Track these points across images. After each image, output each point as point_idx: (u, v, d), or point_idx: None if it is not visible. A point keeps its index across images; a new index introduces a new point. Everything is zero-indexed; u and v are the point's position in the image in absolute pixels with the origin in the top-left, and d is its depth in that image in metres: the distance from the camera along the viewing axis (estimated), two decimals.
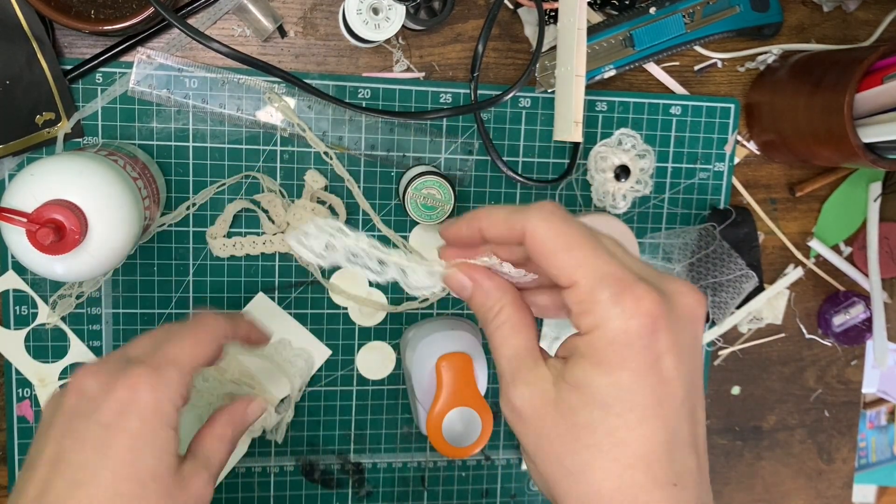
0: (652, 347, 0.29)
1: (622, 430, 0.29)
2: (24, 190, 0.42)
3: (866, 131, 0.53)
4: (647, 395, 0.29)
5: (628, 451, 0.29)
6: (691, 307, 0.32)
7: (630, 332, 0.29)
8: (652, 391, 0.29)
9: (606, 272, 0.30)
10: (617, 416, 0.29)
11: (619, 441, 0.29)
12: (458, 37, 0.58)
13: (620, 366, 0.29)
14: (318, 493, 0.62)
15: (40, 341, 0.56)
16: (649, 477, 0.29)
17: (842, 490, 0.73)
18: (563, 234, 0.30)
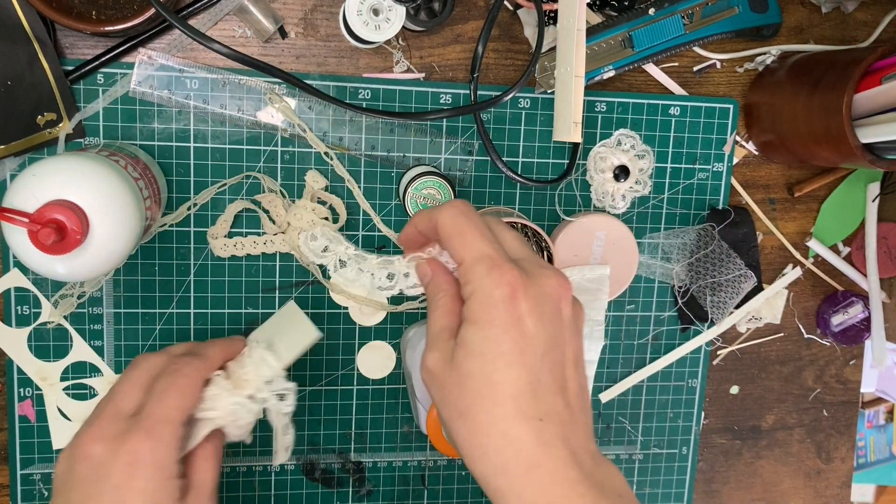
0: (513, 310, 0.37)
1: (493, 374, 0.37)
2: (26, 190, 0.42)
3: (865, 132, 0.53)
4: (512, 346, 0.37)
5: (499, 390, 0.37)
6: (552, 286, 0.39)
7: (495, 296, 0.37)
8: (515, 343, 0.37)
9: (484, 253, 0.38)
10: (490, 363, 0.37)
11: (491, 383, 0.37)
12: (458, 38, 0.58)
13: (489, 322, 0.37)
14: (318, 492, 0.62)
15: (42, 340, 0.56)
16: (516, 411, 0.36)
17: (840, 489, 0.74)
18: (459, 223, 0.40)
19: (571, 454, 0.37)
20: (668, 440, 0.67)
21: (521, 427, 0.36)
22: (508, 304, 0.37)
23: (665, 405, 0.67)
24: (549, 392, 0.37)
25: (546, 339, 0.38)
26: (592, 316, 0.61)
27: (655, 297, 0.64)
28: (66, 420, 0.57)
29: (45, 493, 0.58)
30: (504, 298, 0.37)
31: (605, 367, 0.65)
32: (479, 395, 0.37)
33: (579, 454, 0.37)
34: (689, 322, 0.65)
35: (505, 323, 0.37)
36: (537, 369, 0.37)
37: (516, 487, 0.36)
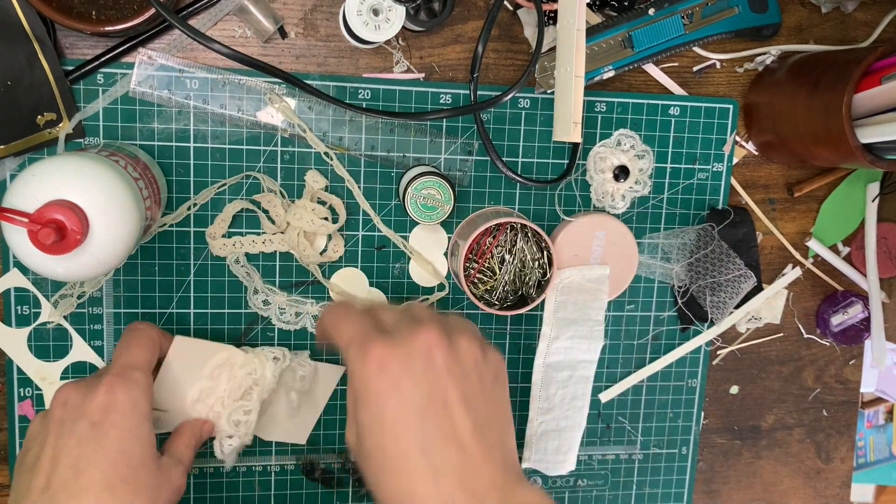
0: (385, 379, 0.40)
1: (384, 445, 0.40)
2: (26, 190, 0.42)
3: (864, 132, 0.53)
4: (392, 413, 0.40)
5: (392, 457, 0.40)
6: (419, 342, 0.41)
7: (366, 372, 0.41)
8: (394, 410, 0.40)
9: (353, 337, 0.43)
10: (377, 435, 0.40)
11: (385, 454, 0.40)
12: (458, 38, 0.58)
13: (368, 398, 0.40)
14: (318, 492, 0.62)
15: (42, 340, 0.56)
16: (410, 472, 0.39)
17: (840, 489, 0.74)
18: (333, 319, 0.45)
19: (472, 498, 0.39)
20: (667, 440, 0.67)
21: (419, 486, 0.39)
22: (379, 376, 0.40)
23: (665, 405, 0.67)
24: (437, 446, 0.39)
25: (423, 395, 0.40)
26: (592, 316, 0.61)
27: (655, 297, 0.64)
28: None
29: None
30: (374, 372, 0.40)
31: (605, 367, 0.65)
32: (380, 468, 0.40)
33: (482, 494, 0.39)
34: (689, 322, 0.65)
35: (380, 394, 0.40)
36: (421, 427, 0.40)
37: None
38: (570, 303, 0.60)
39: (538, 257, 0.58)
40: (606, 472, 0.67)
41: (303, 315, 0.58)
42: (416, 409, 0.40)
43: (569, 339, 0.61)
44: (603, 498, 0.67)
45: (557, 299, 0.60)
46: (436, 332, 0.42)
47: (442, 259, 0.60)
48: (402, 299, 0.60)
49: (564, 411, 0.62)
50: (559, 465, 0.63)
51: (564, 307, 0.60)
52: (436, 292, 0.61)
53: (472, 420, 0.41)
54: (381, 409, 0.40)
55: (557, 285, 0.59)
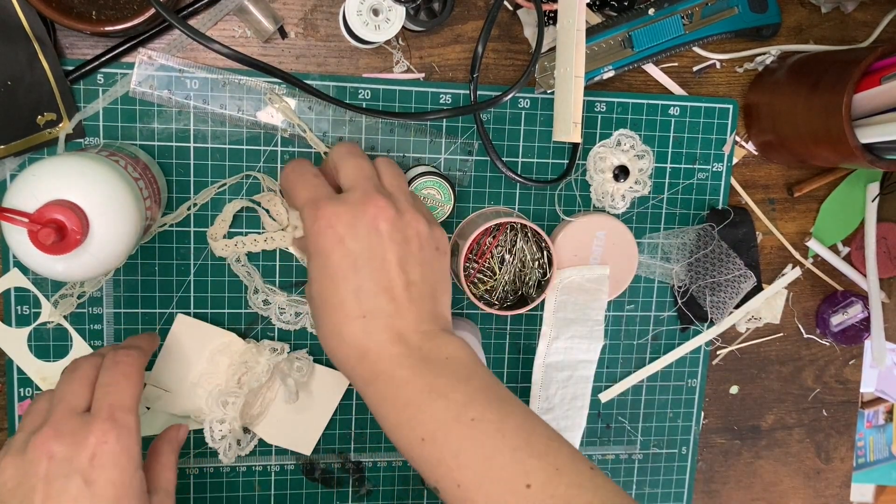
0: (331, 236, 0.45)
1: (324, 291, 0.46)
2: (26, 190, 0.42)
3: (864, 132, 0.53)
4: (335, 265, 0.45)
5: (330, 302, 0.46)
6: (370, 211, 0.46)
7: (315, 230, 0.46)
8: (337, 262, 0.45)
9: (307, 198, 0.48)
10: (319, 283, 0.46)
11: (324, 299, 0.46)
12: (458, 38, 0.58)
13: (316, 253, 0.46)
14: (318, 492, 0.62)
15: (42, 340, 0.56)
16: (343, 315, 0.45)
17: (840, 489, 0.74)
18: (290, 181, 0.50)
19: (396, 337, 0.45)
20: (667, 440, 0.67)
21: (350, 326, 0.45)
22: (326, 233, 0.45)
23: (665, 405, 0.67)
24: (370, 294, 0.45)
25: (363, 253, 0.45)
26: (592, 316, 0.61)
27: (655, 297, 0.64)
28: None
29: None
30: (322, 230, 0.45)
31: (605, 367, 0.65)
32: (321, 310, 0.46)
33: (406, 335, 0.45)
34: (689, 322, 0.65)
35: (326, 249, 0.45)
36: (357, 278, 0.45)
37: (356, 373, 0.46)
38: (570, 303, 0.60)
39: (538, 257, 0.58)
40: (606, 472, 0.67)
41: (303, 315, 0.58)
42: (356, 262, 0.45)
43: (569, 339, 0.61)
44: None
45: (557, 299, 0.60)
46: (385, 203, 0.46)
47: None
48: None
49: (564, 411, 0.62)
50: None
51: (564, 307, 0.60)
52: None
53: (405, 278, 0.46)
54: (325, 260, 0.45)
55: (557, 285, 0.59)
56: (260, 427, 0.59)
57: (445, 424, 0.43)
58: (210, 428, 0.56)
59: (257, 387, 0.57)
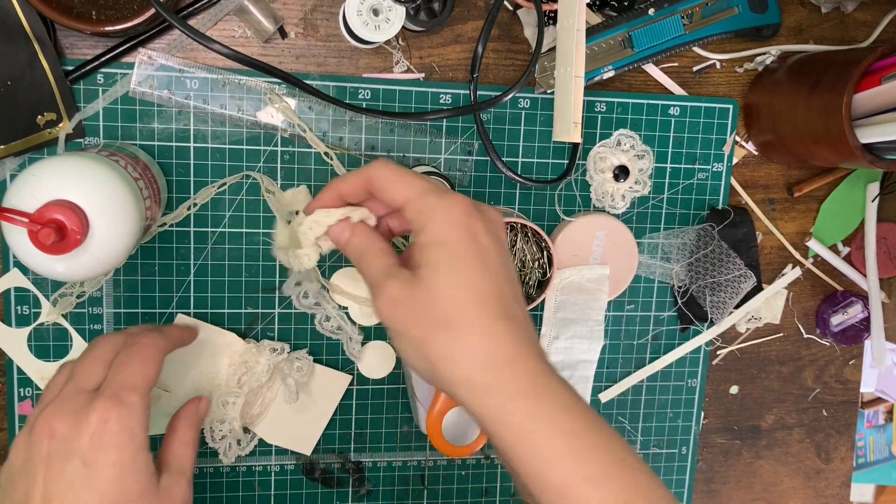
0: (470, 227, 0.40)
1: (466, 281, 0.39)
2: (26, 190, 0.42)
3: (864, 132, 0.53)
4: (475, 258, 0.40)
5: (474, 295, 0.39)
6: (494, 214, 0.42)
7: (454, 214, 0.40)
8: (477, 255, 0.40)
9: (428, 188, 0.41)
10: (459, 272, 0.39)
11: (467, 289, 0.39)
12: (458, 38, 0.58)
13: (451, 240, 0.40)
14: (318, 492, 0.62)
15: (42, 340, 0.56)
16: (491, 313, 0.39)
17: (840, 489, 0.74)
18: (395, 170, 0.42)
19: (539, 352, 0.40)
20: (667, 440, 0.67)
21: (500, 325, 0.39)
22: (466, 222, 0.40)
23: (665, 405, 0.67)
24: (510, 299, 0.41)
25: (499, 256, 0.41)
26: (592, 316, 0.61)
27: (655, 297, 0.64)
28: None
29: None
30: (461, 217, 0.40)
31: (605, 367, 0.65)
32: (456, 302, 0.39)
33: (543, 353, 0.41)
34: (689, 322, 0.65)
35: (465, 239, 0.40)
36: (498, 279, 0.40)
37: (501, 378, 0.39)
38: (570, 303, 0.60)
39: (538, 257, 0.58)
40: None
41: (344, 331, 0.59)
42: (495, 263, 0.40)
43: (569, 339, 0.61)
44: None
45: (557, 299, 0.60)
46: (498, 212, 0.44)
47: None
48: None
49: None
50: None
51: (564, 307, 0.60)
52: None
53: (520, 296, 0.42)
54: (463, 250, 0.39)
55: (557, 285, 0.59)
56: (260, 427, 0.59)
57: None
58: (210, 428, 0.56)
59: (257, 387, 0.57)
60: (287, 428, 0.59)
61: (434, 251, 0.40)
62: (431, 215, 0.40)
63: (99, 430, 0.41)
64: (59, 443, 0.41)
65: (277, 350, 0.57)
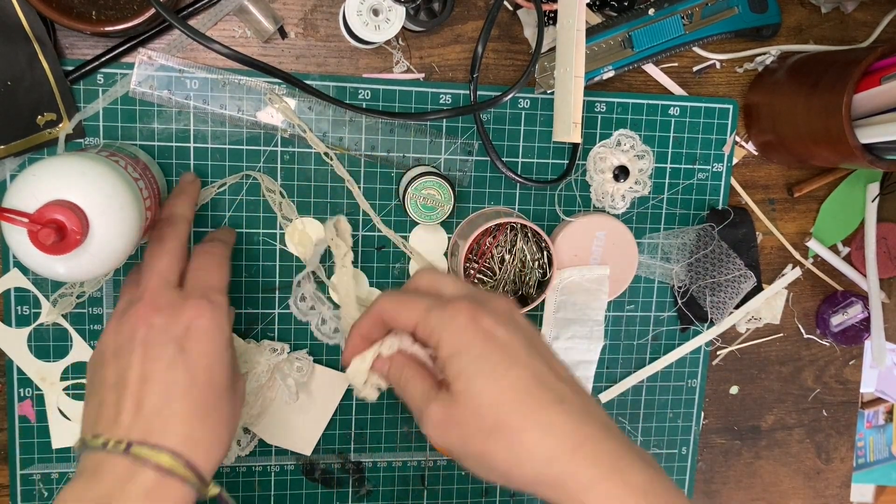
0: (480, 327, 0.41)
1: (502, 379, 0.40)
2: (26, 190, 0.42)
3: (864, 132, 0.53)
4: (499, 354, 0.40)
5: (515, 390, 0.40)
6: (500, 304, 0.44)
7: (459, 323, 0.42)
8: (499, 352, 0.41)
9: (430, 304, 0.43)
10: (492, 372, 0.40)
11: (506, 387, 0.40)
12: (458, 38, 0.58)
13: (469, 345, 0.41)
14: (318, 492, 0.62)
15: (42, 341, 0.56)
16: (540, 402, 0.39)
17: (840, 489, 0.74)
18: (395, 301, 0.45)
19: (604, 426, 0.40)
20: (667, 440, 0.67)
21: (552, 413, 0.39)
22: (474, 325, 0.41)
23: (665, 405, 0.67)
24: (554, 380, 0.41)
25: (523, 342, 0.42)
26: (592, 316, 0.61)
27: (655, 297, 0.64)
28: (66, 420, 0.57)
29: (45, 494, 0.58)
30: (467, 322, 0.42)
31: (605, 367, 0.65)
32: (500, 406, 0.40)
33: (609, 426, 0.40)
34: (689, 322, 0.65)
35: (481, 340, 0.41)
36: (532, 366, 0.41)
37: (570, 468, 0.38)
38: (570, 303, 0.60)
39: (538, 257, 0.58)
40: None
41: (341, 333, 0.58)
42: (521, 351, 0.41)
43: (569, 340, 0.61)
44: None
45: (557, 299, 0.60)
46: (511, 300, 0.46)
47: (442, 259, 0.60)
48: None
49: None
50: None
51: (564, 307, 0.60)
52: None
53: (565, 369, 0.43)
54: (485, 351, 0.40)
55: (557, 285, 0.59)
56: (260, 427, 0.59)
57: None
58: None
59: (257, 387, 0.57)
60: (287, 428, 0.59)
61: (457, 363, 0.41)
62: (441, 331, 0.42)
63: (193, 324, 0.45)
64: (157, 331, 0.44)
65: (277, 350, 0.57)
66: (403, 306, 0.45)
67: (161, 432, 0.42)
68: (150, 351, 0.44)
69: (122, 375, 0.44)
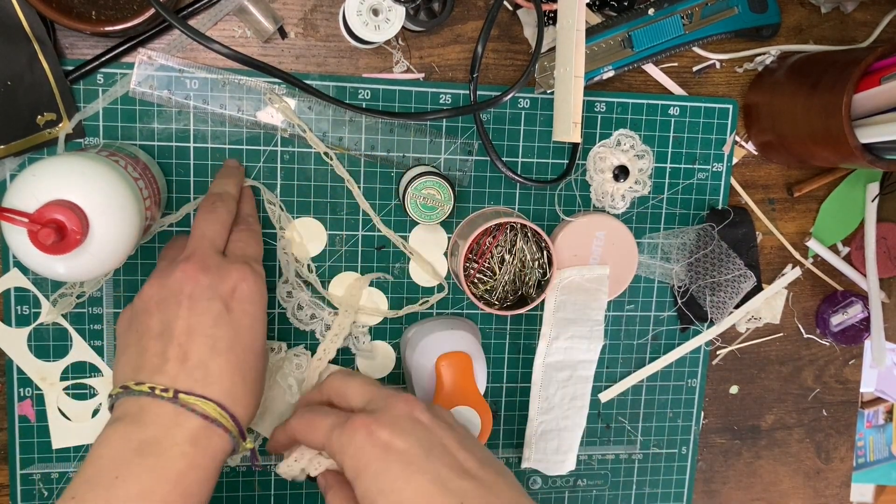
0: (376, 443, 0.43)
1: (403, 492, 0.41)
2: (26, 190, 0.42)
3: (864, 132, 0.53)
4: (398, 466, 0.42)
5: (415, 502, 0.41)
6: (399, 407, 0.45)
7: (355, 444, 0.43)
8: (398, 463, 0.42)
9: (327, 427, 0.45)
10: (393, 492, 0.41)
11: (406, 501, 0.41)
12: (458, 38, 0.58)
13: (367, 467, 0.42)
14: (318, 492, 0.62)
15: (42, 340, 0.56)
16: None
17: (840, 489, 0.74)
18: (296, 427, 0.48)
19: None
20: (667, 440, 0.67)
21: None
22: (371, 441, 0.43)
23: (665, 405, 0.67)
24: (453, 481, 0.41)
25: (420, 445, 0.43)
26: (592, 316, 0.61)
27: (655, 297, 0.64)
28: (66, 420, 0.57)
29: (45, 493, 0.58)
30: (363, 440, 0.43)
31: (605, 366, 0.65)
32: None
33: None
34: (689, 322, 0.65)
35: (378, 458, 0.42)
36: (431, 469, 0.42)
37: None
38: (570, 303, 0.60)
39: (538, 257, 0.58)
40: (606, 472, 0.67)
41: (318, 320, 0.58)
42: (419, 457, 0.42)
43: (569, 339, 0.61)
44: (603, 498, 0.67)
45: (557, 299, 0.60)
46: (411, 399, 0.46)
47: (442, 259, 0.60)
48: (402, 299, 0.60)
49: (564, 411, 0.62)
50: (559, 464, 0.63)
51: (564, 307, 0.60)
52: (436, 293, 0.61)
53: (476, 458, 0.44)
54: (382, 470, 0.42)
55: (557, 285, 0.59)
56: (261, 427, 0.59)
57: None
58: None
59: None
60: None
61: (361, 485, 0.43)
62: (342, 454, 0.44)
63: (238, 286, 0.47)
64: (203, 288, 0.45)
65: (275, 350, 0.57)
66: (310, 427, 0.47)
67: (205, 383, 0.44)
68: (197, 305, 0.45)
69: (169, 326, 0.45)
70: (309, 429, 0.47)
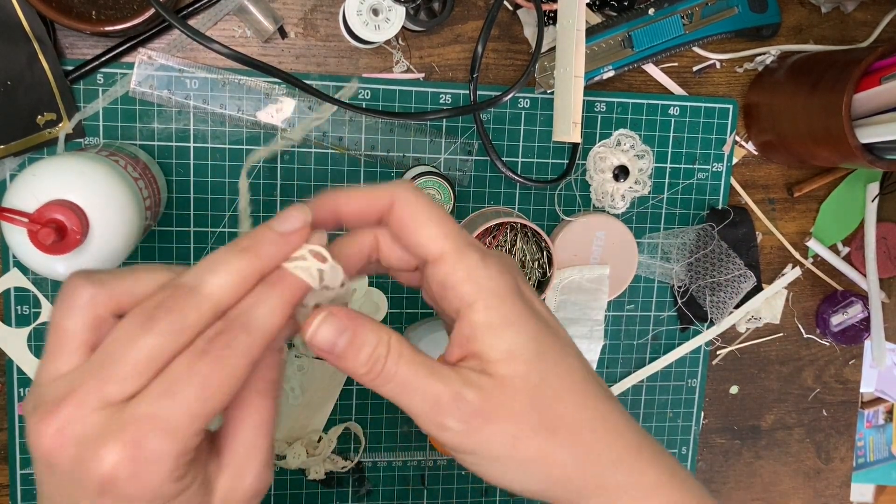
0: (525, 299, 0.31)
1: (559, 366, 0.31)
2: (26, 190, 0.42)
3: (864, 132, 0.53)
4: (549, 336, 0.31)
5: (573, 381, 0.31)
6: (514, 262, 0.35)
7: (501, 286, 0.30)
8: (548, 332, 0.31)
9: (468, 240, 0.31)
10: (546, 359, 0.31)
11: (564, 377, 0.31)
12: (458, 38, 0.58)
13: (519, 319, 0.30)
14: (318, 491, 0.62)
15: (42, 340, 0.56)
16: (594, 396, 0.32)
17: (840, 489, 0.74)
18: (430, 207, 0.31)
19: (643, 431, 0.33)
20: (667, 440, 0.67)
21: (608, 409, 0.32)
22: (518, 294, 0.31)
23: (665, 405, 0.67)
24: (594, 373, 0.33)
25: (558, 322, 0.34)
26: (592, 316, 0.61)
27: (655, 297, 0.64)
28: None
29: None
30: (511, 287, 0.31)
31: (605, 367, 0.65)
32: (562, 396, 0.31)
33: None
34: (689, 322, 0.65)
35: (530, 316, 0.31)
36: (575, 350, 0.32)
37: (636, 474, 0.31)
38: (570, 303, 0.60)
39: (538, 257, 0.58)
40: None
41: None
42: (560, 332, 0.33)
43: None
44: None
45: (557, 299, 0.60)
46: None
47: None
48: (402, 299, 0.60)
49: None
50: None
51: (564, 307, 0.60)
52: None
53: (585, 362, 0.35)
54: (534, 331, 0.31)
55: (557, 285, 0.59)
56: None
57: None
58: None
59: None
60: (287, 428, 0.59)
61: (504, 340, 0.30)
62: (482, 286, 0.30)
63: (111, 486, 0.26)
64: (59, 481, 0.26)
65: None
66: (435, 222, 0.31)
67: None
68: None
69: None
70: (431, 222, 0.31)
